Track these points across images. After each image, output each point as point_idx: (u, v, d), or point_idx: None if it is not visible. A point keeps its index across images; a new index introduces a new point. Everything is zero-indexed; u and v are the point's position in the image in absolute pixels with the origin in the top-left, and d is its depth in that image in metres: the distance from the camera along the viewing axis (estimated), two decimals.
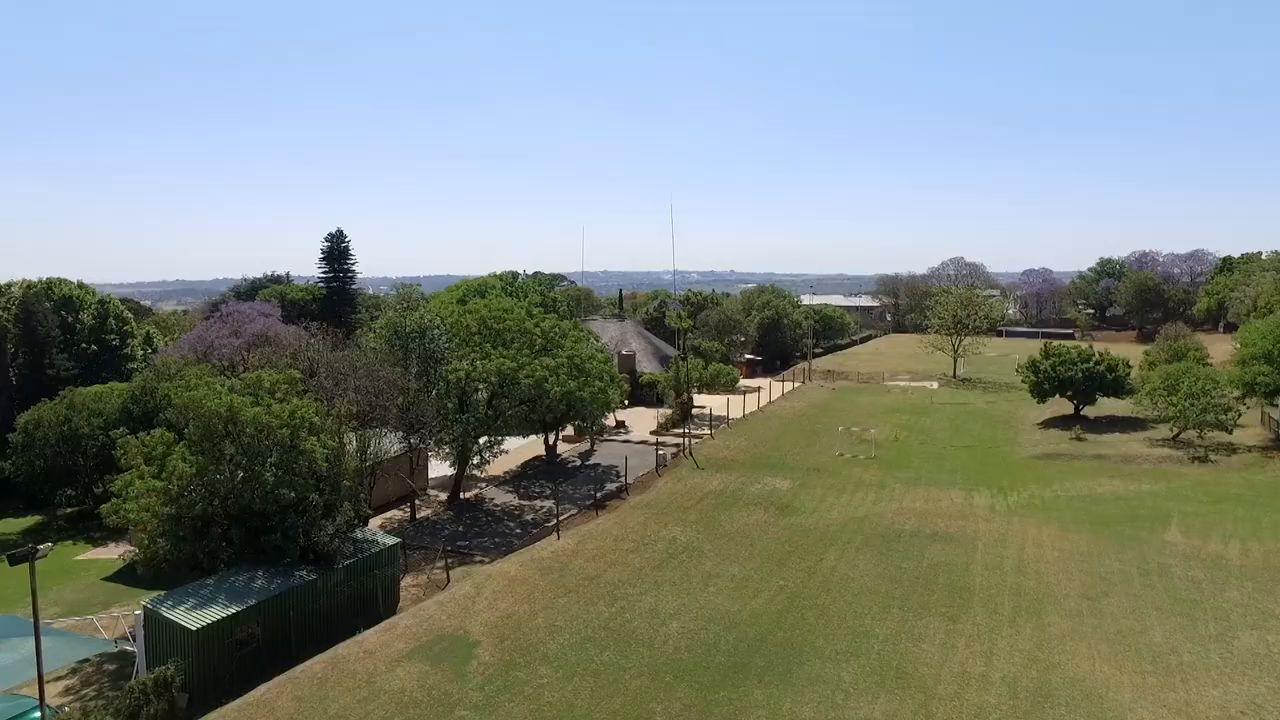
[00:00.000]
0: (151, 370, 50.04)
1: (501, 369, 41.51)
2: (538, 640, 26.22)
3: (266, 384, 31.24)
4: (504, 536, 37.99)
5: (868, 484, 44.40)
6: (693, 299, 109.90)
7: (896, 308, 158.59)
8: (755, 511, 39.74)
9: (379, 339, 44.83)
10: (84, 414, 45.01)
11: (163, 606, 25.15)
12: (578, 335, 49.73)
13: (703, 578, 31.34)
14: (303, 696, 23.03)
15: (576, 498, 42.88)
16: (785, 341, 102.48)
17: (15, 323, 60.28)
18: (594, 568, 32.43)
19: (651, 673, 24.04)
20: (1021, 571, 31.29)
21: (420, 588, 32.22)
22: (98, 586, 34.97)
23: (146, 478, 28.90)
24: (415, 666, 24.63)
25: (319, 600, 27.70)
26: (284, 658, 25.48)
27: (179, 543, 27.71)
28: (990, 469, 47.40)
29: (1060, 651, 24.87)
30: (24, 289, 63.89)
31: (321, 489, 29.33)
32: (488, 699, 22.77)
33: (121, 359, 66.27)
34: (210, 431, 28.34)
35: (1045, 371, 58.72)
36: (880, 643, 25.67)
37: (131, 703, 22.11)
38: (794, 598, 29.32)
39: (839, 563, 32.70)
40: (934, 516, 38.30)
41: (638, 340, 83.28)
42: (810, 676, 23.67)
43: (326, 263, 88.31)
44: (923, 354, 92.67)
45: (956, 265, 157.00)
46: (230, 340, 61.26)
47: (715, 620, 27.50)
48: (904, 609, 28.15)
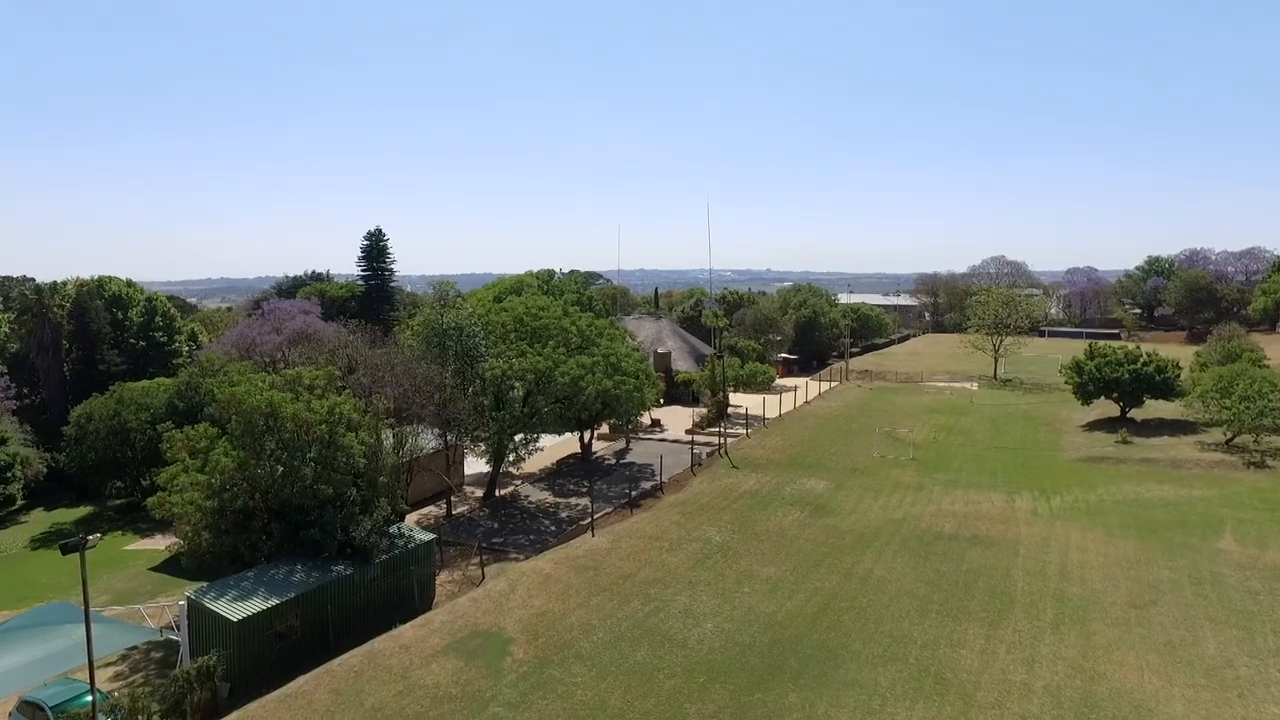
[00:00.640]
0: (196, 366, 51.15)
1: (537, 367, 41.65)
2: (571, 638, 26.22)
3: (306, 380, 31.69)
4: (539, 534, 38.12)
5: (906, 485, 43.74)
6: (729, 297, 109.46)
7: (935, 307, 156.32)
8: (791, 512, 39.37)
9: (416, 337, 45.25)
10: (132, 408, 46.15)
11: (205, 597, 25.65)
12: (613, 333, 49.73)
13: (737, 578, 31.11)
14: (340, 689, 23.30)
15: (611, 496, 42.87)
16: (822, 340, 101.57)
17: (69, 319, 62.06)
18: (628, 566, 32.37)
19: (685, 673, 23.90)
20: (1065, 577, 30.54)
21: (455, 584, 32.44)
22: (145, 576, 35.80)
23: (191, 471, 29.52)
24: (450, 662, 24.79)
25: (356, 594, 28.03)
26: (322, 650, 25.83)
27: (221, 535, 28.25)
28: (1032, 471, 46.40)
29: (1106, 661, 24.20)
30: (77, 287, 65.75)
31: (359, 484, 29.69)
32: (521, 696, 22.82)
33: (168, 355, 67.88)
34: (252, 426, 28.83)
35: (1090, 372, 57.31)
36: (918, 647, 25.23)
37: (176, 691, 22.57)
38: (830, 599, 28.97)
39: (876, 565, 32.23)
40: (974, 519, 37.59)
41: (673, 339, 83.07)
42: (846, 680, 23.34)
43: (365, 261, 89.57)
44: (962, 354, 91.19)
45: (998, 264, 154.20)
46: (271, 337, 62.39)
47: (750, 621, 27.27)
48: (943, 613, 27.64)
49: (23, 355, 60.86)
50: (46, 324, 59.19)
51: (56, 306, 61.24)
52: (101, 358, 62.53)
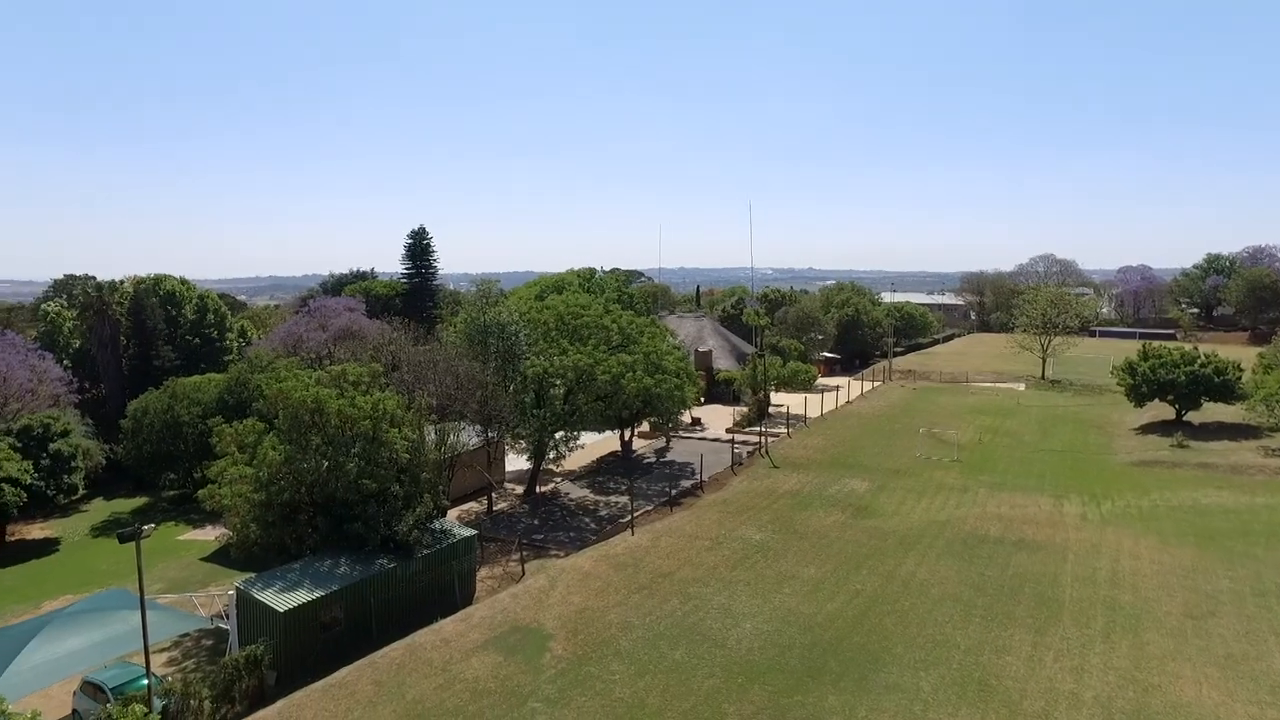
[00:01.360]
0: (245, 362, 52.38)
1: (578, 365, 41.79)
2: (610, 636, 26.27)
3: (351, 377, 32.24)
4: (579, 531, 38.27)
5: (949, 487, 42.97)
6: (770, 296, 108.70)
7: (981, 306, 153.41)
8: (832, 513, 38.94)
9: (459, 334, 45.73)
10: (185, 403, 47.47)
11: (254, 588, 26.26)
12: (654, 332, 49.68)
13: (777, 578, 30.87)
14: (382, 681, 23.66)
15: (651, 494, 42.86)
16: (865, 340, 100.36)
17: (127, 317, 64.09)
18: (667, 565, 32.33)
19: (724, 673, 23.79)
20: (1116, 584, 29.69)
21: (496, 579, 32.73)
22: (196, 566, 36.80)
23: (240, 464, 30.26)
24: (489, 657, 25.01)
25: (398, 588, 28.44)
26: (364, 642, 26.27)
27: (268, 528, 28.89)
28: (1082, 475, 45.22)
29: (1161, 673, 23.42)
30: (135, 285, 67.87)
31: (402, 480, 30.12)
32: (559, 692, 22.92)
33: (219, 351, 69.71)
34: (298, 422, 29.42)
35: (1144, 374, 55.64)
36: (962, 653, 24.75)
37: (225, 677, 23.16)
38: (871, 602, 28.57)
39: (919, 568, 31.72)
40: (1020, 523, 36.76)
41: (714, 337, 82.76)
42: (887, 684, 22.99)
43: (409, 259, 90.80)
44: (1009, 354, 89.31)
45: (1046, 262, 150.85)
46: (317, 334, 63.69)
47: (789, 622, 27.03)
48: (987, 618, 27.07)
49: (84, 351, 63.01)
50: (106, 321, 61.21)
51: (116, 304, 63.29)
52: (157, 353, 64.46)
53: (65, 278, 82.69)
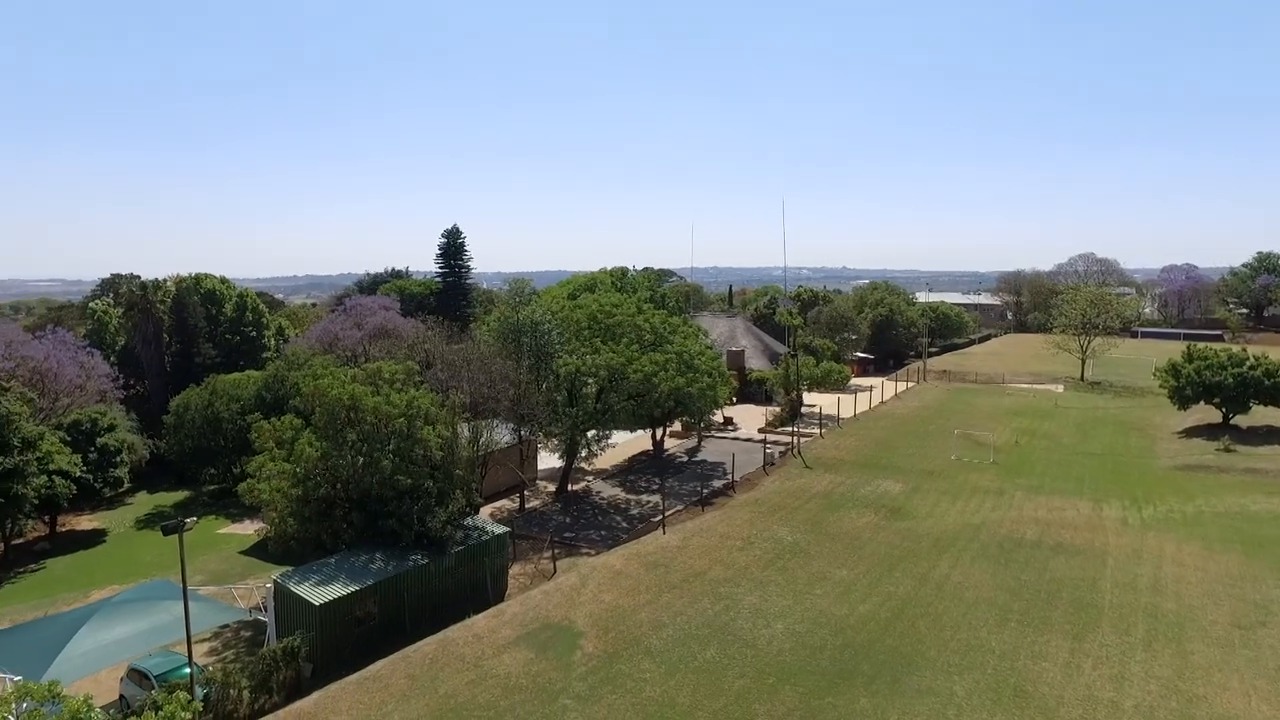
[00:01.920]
0: (283, 360, 53.26)
1: (610, 364, 41.89)
2: (640, 634, 26.31)
3: (386, 374, 32.65)
4: (610, 530, 38.37)
5: (985, 490, 42.35)
6: (803, 295, 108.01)
7: (1019, 306, 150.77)
8: (865, 514, 38.60)
9: (492, 333, 46.09)
10: (224, 399, 48.42)
11: (291, 581, 26.72)
12: (687, 331, 49.63)
13: (809, 579, 30.68)
14: (415, 675, 23.95)
15: (683, 494, 42.84)
16: (899, 340, 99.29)
17: (170, 314, 65.56)
18: (699, 564, 32.29)
19: (755, 673, 23.71)
20: (1158, 591, 29.04)
21: (528, 576, 32.94)
22: (235, 559, 37.54)
23: (277, 460, 30.80)
24: (521, 653, 25.19)
25: (431, 584, 28.77)
26: (398, 636, 26.61)
27: (305, 523, 29.39)
28: (1122, 479, 44.29)
29: (1206, 683, 22.84)
30: (177, 284, 69.38)
31: (436, 477, 30.44)
32: (590, 690, 23.02)
33: (257, 349, 70.89)
34: (334, 418, 29.88)
35: (1188, 376, 54.28)
36: (997, 657, 24.40)
37: (264, 668, 23.62)
38: (904, 605, 28.28)
39: (953, 571, 31.32)
40: (1058, 527, 36.12)
41: (747, 337, 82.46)
42: (920, 688, 22.75)
43: (443, 258, 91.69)
44: (1047, 355, 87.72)
45: (1086, 261, 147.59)
46: (353, 332, 64.62)
47: (821, 623, 26.86)
48: (1023, 623, 26.65)
49: (129, 348, 64.56)
50: (150, 319, 62.68)
51: (159, 302, 64.76)
52: (198, 351, 65.84)
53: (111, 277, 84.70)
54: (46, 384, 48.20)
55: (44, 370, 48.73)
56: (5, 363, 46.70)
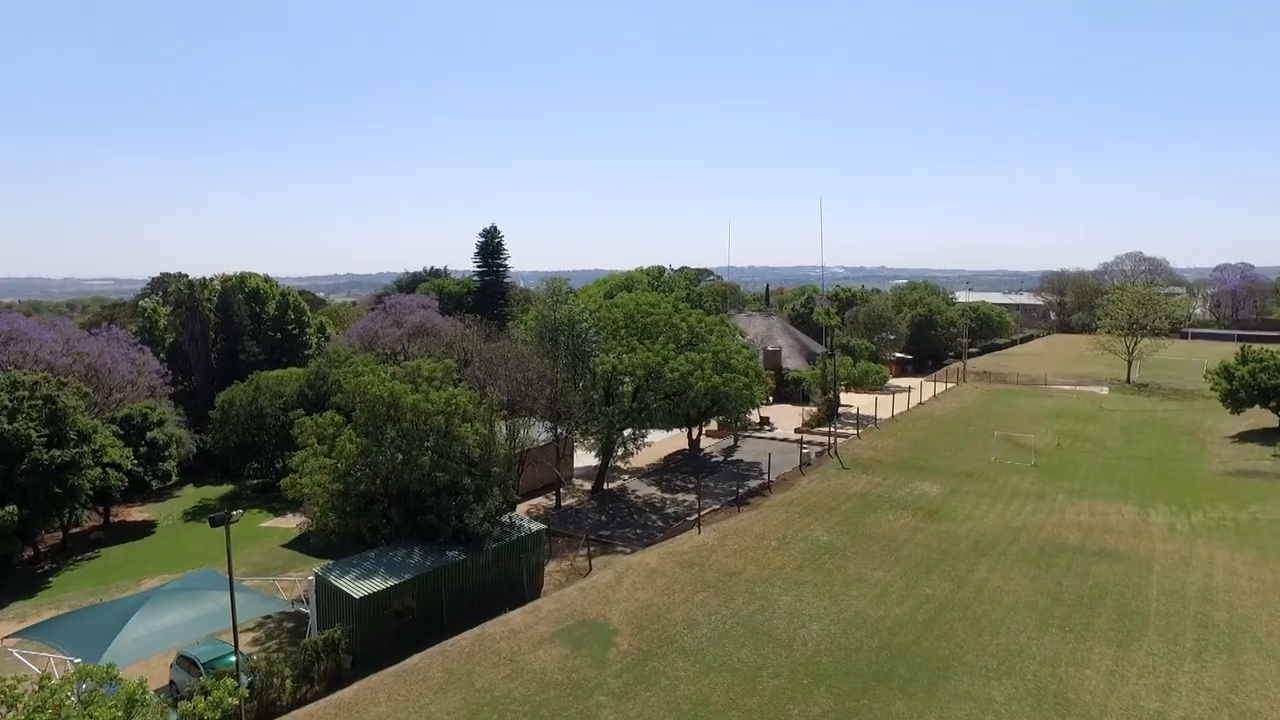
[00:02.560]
0: (324, 357, 54.25)
1: (647, 363, 41.98)
2: (675, 633, 26.37)
3: (425, 372, 33.11)
4: (645, 528, 38.48)
5: (1026, 493, 41.63)
6: (841, 295, 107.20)
7: (1062, 306, 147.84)
8: (902, 515, 38.20)
9: (529, 332, 46.45)
10: (268, 395, 49.48)
11: (331, 574, 27.26)
12: (723, 330, 49.53)
13: (845, 581, 30.47)
14: (452, 669, 24.28)
15: (718, 493, 42.79)
16: (938, 340, 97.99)
17: (216, 313, 67.16)
18: (734, 564, 32.25)
19: (789, 674, 23.63)
20: (1208, 600, 28.28)
21: (563, 573, 33.18)
22: (278, 552, 38.36)
23: (319, 455, 31.41)
24: (556, 649, 25.40)
25: (468, 579, 29.13)
26: (436, 630, 26.99)
27: (346, 517, 29.95)
28: (1170, 484, 43.19)
29: (1261, 697, 22.11)
30: (222, 282, 71.03)
31: (473, 474, 30.80)
32: (625, 687, 23.13)
33: (299, 346, 72.28)
34: (374, 415, 30.39)
35: (1241, 378, 52.73)
36: (1037, 663, 24.00)
37: (305, 659, 24.15)
38: (942, 608, 27.95)
39: (992, 574, 30.86)
40: (1101, 532, 35.38)
41: (784, 336, 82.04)
42: (957, 692, 22.47)
43: (481, 257, 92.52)
44: (1091, 356, 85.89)
45: (1133, 260, 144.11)
46: (392, 330, 65.63)
47: (857, 625, 26.66)
48: (1064, 629, 26.17)
49: (177, 345, 66.29)
50: (197, 317, 64.29)
51: (205, 301, 66.36)
52: (242, 348, 67.34)
53: (161, 276, 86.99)
54: (100, 379, 49.71)
55: (98, 366, 50.27)
56: (63, 359, 48.25)
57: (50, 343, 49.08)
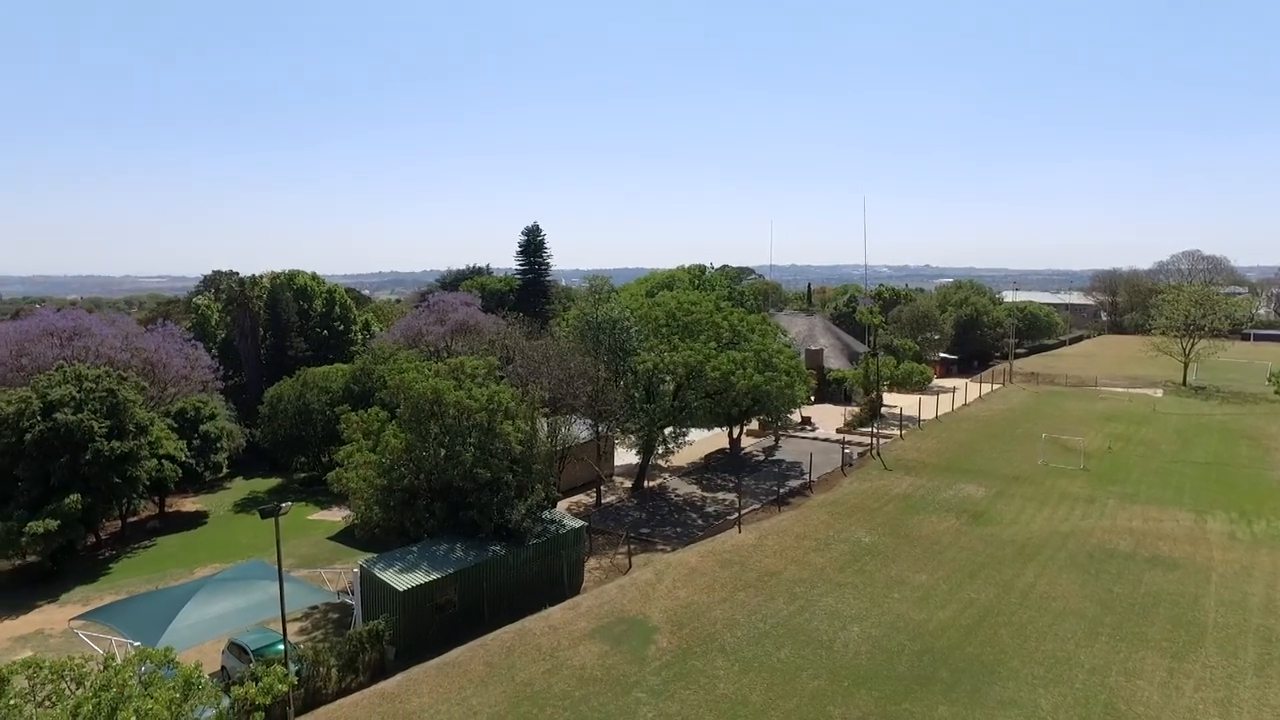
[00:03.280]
0: (369, 353, 55.13)
1: (688, 361, 41.92)
2: (715, 631, 26.32)
3: (468, 369, 33.49)
4: (685, 526, 38.45)
5: (1074, 497, 40.67)
6: (884, 294, 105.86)
7: (1114, 306, 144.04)
8: (946, 518, 37.60)
9: (571, 329, 46.68)
10: (314, 391, 50.44)
11: (376, 567, 27.73)
12: (765, 329, 49.25)
13: (887, 583, 30.11)
14: (493, 662, 24.56)
15: (759, 492, 42.58)
16: (984, 340, 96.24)
17: (265, 309, 68.69)
18: (774, 564, 32.08)
19: (830, 675, 23.44)
20: (1272, 613, 27.31)
21: (603, 570, 33.32)
22: (324, 544, 39.14)
23: (364, 450, 31.97)
24: (596, 646, 25.53)
25: (509, 574, 29.40)
26: (477, 624, 27.32)
27: (390, 511, 30.44)
28: (1230, 490, 41.83)
29: None
30: (271, 280, 72.59)
31: (515, 470, 31.08)
32: (664, 684, 23.16)
33: (345, 342, 73.51)
34: (418, 411, 30.82)
35: None
36: (1086, 672, 23.45)
37: (350, 649, 24.61)
38: (986, 612, 27.46)
39: (1039, 579, 30.23)
40: (1155, 538, 34.42)
41: (826, 336, 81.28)
42: (1003, 699, 22.07)
43: (523, 255, 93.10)
44: (1145, 357, 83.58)
45: (1191, 259, 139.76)
46: (436, 328, 66.39)
47: (899, 628, 26.33)
48: (1115, 638, 25.53)
49: (229, 341, 67.95)
50: (247, 313, 65.82)
51: (255, 298, 67.89)
52: (290, 344, 68.74)
53: (213, 273, 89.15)
54: (156, 374, 51.13)
55: (154, 361, 51.71)
56: (122, 354, 49.77)
57: (110, 338, 50.66)
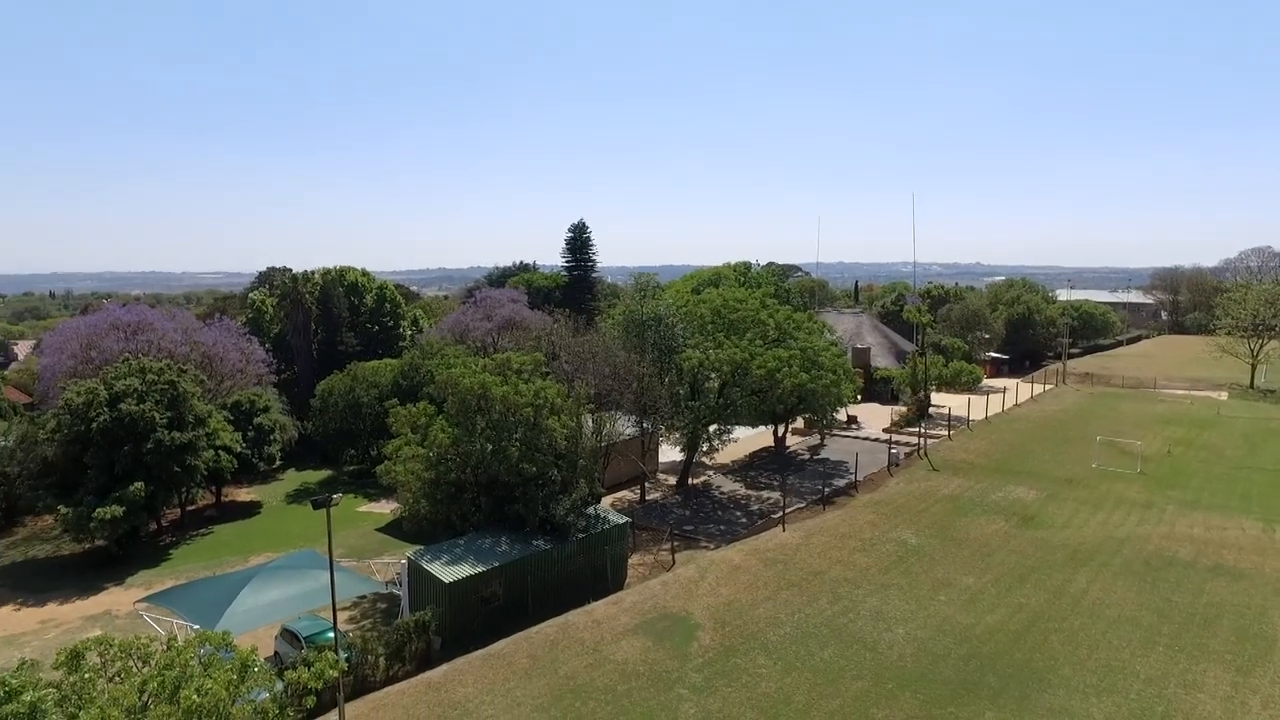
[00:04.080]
0: (418, 349, 56.03)
1: (733, 358, 41.76)
2: (758, 630, 26.24)
3: (514, 365, 33.84)
4: (729, 524, 38.36)
5: (1131, 501, 39.53)
6: (933, 292, 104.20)
7: (1175, 305, 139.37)
8: (995, 520, 36.88)
9: (617, 326, 46.84)
10: (364, 385, 51.48)
11: (423, 559, 28.23)
12: (811, 327, 48.82)
13: (933, 585, 29.67)
14: (536, 655, 24.83)
15: (803, 491, 42.28)
16: (1036, 340, 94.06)
17: (317, 305, 70.28)
18: (818, 563, 31.84)
19: (873, 677, 23.20)
20: None
21: (646, 567, 33.42)
22: (372, 536, 39.97)
23: (412, 444, 32.53)
24: (639, 641, 25.64)
25: (554, 568, 29.66)
26: (521, 617, 27.65)
27: (437, 504, 30.94)
28: None
29: None
30: (323, 276, 74.23)
31: (560, 465, 31.34)
32: (706, 681, 23.17)
33: (394, 338, 74.84)
34: (465, 406, 31.26)
35: None
36: (1142, 682, 22.81)
37: (398, 638, 25.11)
38: (1036, 618, 26.89)
39: (1091, 586, 29.48)
40: (1218, 547, 33.28)
41: (873, 334, 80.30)
42: (1052, 707, 21.59)
43: (569, 252, 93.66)
44: (1208, 359, 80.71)
45: (1261, 256, 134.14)
46: (483, 323, 67.24)
47: (945, 631, 25.94)
48: (1174, 648, 24.78)
49: (282, 335, 69.68)
50: (300, 309, 67.42)
51: (308, 293, 69.50)
52: (341, 339, 70.24)
53: (268, 269, 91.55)
54: (214, 367, 52.73)
55: (212, 354, 53.34)
56: (181, 347, 51.44)
57: (171, 332, 52.38)
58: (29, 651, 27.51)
